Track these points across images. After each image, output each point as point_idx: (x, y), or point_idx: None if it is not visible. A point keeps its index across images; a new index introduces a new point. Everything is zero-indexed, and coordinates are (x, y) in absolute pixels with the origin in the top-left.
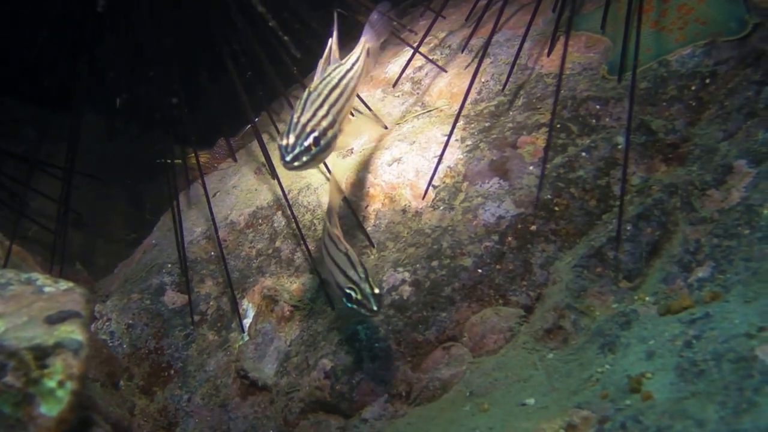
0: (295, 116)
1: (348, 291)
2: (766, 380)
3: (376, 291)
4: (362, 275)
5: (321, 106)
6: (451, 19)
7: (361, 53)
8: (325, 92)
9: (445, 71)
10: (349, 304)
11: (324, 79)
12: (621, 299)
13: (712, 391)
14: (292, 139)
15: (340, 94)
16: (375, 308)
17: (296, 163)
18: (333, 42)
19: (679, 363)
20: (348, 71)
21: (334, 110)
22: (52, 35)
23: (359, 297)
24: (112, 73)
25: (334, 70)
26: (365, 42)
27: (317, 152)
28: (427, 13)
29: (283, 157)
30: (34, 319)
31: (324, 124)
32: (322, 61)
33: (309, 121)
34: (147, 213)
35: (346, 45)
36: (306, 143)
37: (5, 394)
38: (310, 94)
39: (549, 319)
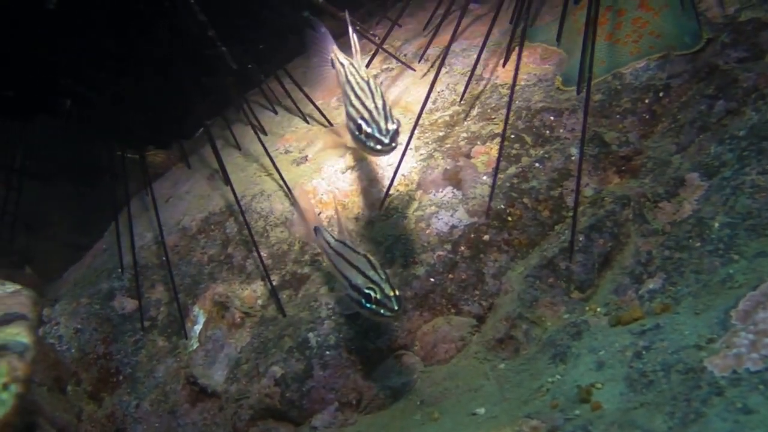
0: (367, 102)
1: (367, 291)
2: (713, 391)
3: (397, 292)
4: (383, 276)
5: (372, 92)
6: (407, 28)
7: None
8: (362, 81)
9: (413, 69)
10: (368, 305)
11: (356, 71)
12: (572, 310)
13: (660, 402)
14: (383, 122)
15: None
16: (396, 308)
17: (394, 144)
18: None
19: (628, 373)
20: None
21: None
22: None
23: (379, 297)
24: (63, 76)
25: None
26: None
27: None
28: (383, 22)
29: (381, 142)
30: None
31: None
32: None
33: (381, 104)
34: (99, 217)
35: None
36: (396, 123)
37: None
38: (358, 83)
39: (501, 329)
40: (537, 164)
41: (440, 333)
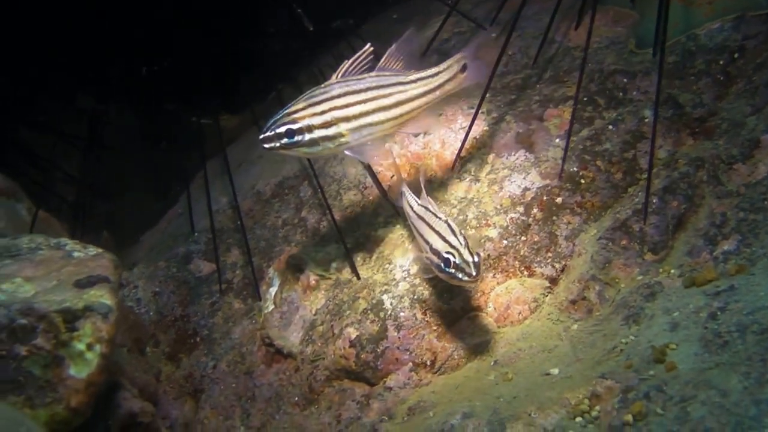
0: (292, 103)
1: (447, 256)
2: None
3: (476, 259)
4: (462, 242)
5: (319, 103)
6: None
7: (442, 71)
8: (334, 93)
9: (485, 28)
10: (447, 269)
11: (343, 81)
12: (646, 271)
13: (736, 362)
14: (270, 122)
15: (362, 102)
16: (474, 273)
17: (265, 145)
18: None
19: (703, 334)
20: (400, 84)
21: (337, 114)
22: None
23: (458, 261)
24: (139, 45)
25: (370, 77)
26: (459, 59)
27: (290, 143)
28: None
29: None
30: (63, 283)
31: (313, 121)
32: (346, 63)
33: (295, 113)
34: (173, 182)
35: None
36: (278, 130)
37: (35, 356)
38: (315, 88)
39: (574, 290)
40: (610, 126)
41: (513, 294)
